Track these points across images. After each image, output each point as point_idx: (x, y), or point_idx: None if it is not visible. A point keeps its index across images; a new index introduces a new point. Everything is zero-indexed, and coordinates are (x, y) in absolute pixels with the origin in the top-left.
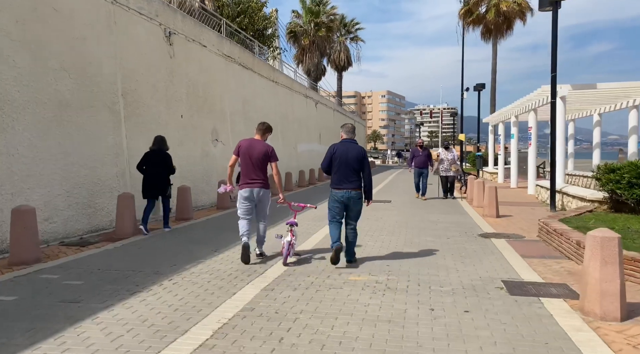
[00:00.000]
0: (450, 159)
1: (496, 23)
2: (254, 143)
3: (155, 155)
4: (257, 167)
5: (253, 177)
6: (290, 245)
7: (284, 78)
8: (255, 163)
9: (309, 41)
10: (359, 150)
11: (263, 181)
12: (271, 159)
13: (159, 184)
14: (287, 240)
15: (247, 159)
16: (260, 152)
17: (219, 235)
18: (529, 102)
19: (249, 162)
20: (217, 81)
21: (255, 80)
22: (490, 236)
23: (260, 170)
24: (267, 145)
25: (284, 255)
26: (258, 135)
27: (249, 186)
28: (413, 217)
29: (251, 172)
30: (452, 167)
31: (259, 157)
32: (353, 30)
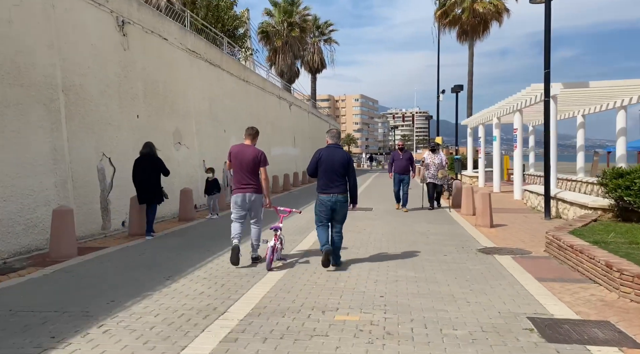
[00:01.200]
0: (437, 164)
1: (472, 24)
2: (245, 149)
3: (145, 160)
4: (249, 172)
5: (244, 182)
6: (275, 250)
7: (256, 78)
8: (246, 169)
9: (281, 42)
10: (344, 155)
11: (255, 186)
12: (261, 164)
13: (150, 188)
14: (271, 244)
15: (238, 164)
16: (250, 157)
17: (177, 255)
18: (515, 102)
19: (240, 168)
20: (180, 78)
21: (224, 79)
22: (492, 251)
23: (252, 175)
24: (257, 150)
25: (267, 260)
26: (248, 140)
27: (241, 191)
28: (400, 228)
29: (243, 177)
30: (439, 172)
31: (249, 162)
32: (327, 32)
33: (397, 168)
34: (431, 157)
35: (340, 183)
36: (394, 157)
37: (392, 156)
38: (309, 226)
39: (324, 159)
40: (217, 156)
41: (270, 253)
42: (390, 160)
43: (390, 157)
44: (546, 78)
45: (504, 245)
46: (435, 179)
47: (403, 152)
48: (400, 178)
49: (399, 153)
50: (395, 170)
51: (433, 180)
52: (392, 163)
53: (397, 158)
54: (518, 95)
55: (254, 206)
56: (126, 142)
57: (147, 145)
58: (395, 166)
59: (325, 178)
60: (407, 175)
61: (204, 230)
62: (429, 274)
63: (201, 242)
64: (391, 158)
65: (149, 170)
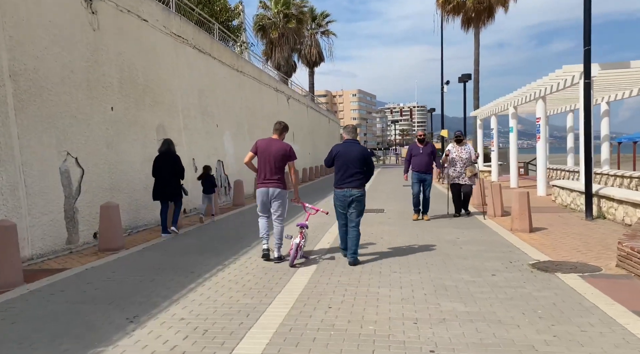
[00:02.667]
0: (465, 159)
1: (477, 11)
2: (272, 143)
3: (163, 158)
4: (275, 166)
5: (269, 176)
6: (299, 247)
7: (251, 68)
8: (273, 163)
9: (278, 34)
10: (360, 149)
11: (279, 181)
12: (289, 158)
13: (167, 187)
14: (296, 241)
15: (265, 158)
16: (278, 151)
17: (152, 278)
18: (537, 89)
19: (266, 162)
20: (164, 66)
21: (215, 68)
22: (549, 268)
23: (278, 170)
24: (285, 144)
25: (292, 257)
26: (275, 135)
27: (265, 185)
28: (422, 235)
29: (268, 172)
30: (467, 170)
31: (277, 156)
32: (324, 24)
33: (416, 166)
34: (457, 150)
35: (355, 179)
36: (412, 151)
37: (409, 151)
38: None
39: (341, 154)
40: (208, 153)
41: (294, 249)
42: (407, 155)
43: (407, 152)
44: (586, 57)
45: (559, 258)
46: (463, 178)
47: (424, 145)
48: (422, 178)
49: (418, 147)
50: (414, 167)
51: (460, 180)
52: (409, 160)
53: (416, 153)
54: (542, 81)
55: (276, 201)
56: (97, 139)
57: (165, 142)
58: (413, 163)
59: (341, 173)
60: (429, 175)
61: (192, 242)
62: (484, 307)
63: (189, 260)
64: (408, 153)
65: (167, 168)
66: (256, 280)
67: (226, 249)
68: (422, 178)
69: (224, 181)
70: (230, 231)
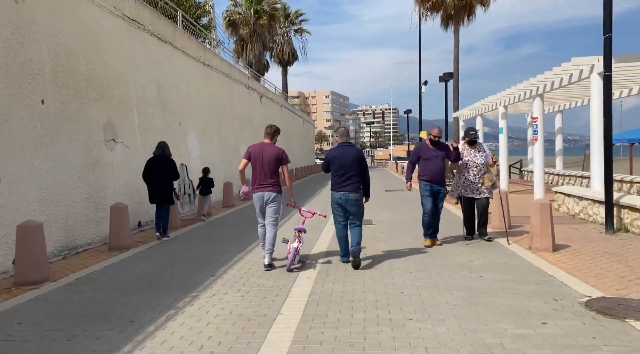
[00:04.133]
0: (480, 164)
1: (457, 7)
2: (265, 147)
3: (160, 162)
4: (269, 171)
5: (264, 181)
6: (297, 252)
7: (220, 62)
8: (266, 167)
9: (249, 30)
10: (356, 152)
11: (274, 186)
12: (282, 162)
13: (163, 191)
14: (294, 246)
15: (258, 163)
16: (271, 155)
17: (73, 334)
18: (535, 86)
19: (260, 166)
20: (114, 53)
21: (178, 59)
22: (615, 311)
23: (272, 174)
24: (278, 149)
25: (289, 261)
26: (267, 139)
27: (260, 190)
28: (427, 259)
29: (262, 176)
30: (484, 178)
31: (270, 160)
32: (297, 22)
33: (428, 173)
34: (470, 153)
35: (352, 182)
36: (421, 153)
37: (416, 152)
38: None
39: (336, 158)
40: None
41: (292, 254)
42: (412, 158)
43: (414, 154)
44: (607, 46)
45: (612, 291)
46: (478, 190)
47: (438, 148)
48: (436, 190)
49: (430, 148)
50: (424, 175)
51: (474, 192)
52: (414, 164)
53: (427, 156)
54: (544, 76)
55: (271, 206)
56: (20, 139)
57: (160, 145)
58: (424, 169)
59: (337, 176)
60: (444, 186)
61: (142, 269)
62: None
63: (131, 301)
64: (414, 155)
65: (160, 171)
66: (225, 341)
67: (183, 281)
68: (436, 191)
69: (188, 187)
70: (193, 252)
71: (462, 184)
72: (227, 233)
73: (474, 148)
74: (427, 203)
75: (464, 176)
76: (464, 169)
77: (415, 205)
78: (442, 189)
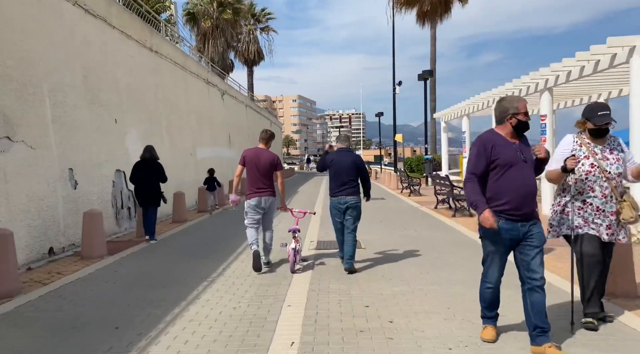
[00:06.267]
0: (615, 174)
1: (433, 3)
2: (260, 152)
3: (148, 165)
4: (264, 176)
5: (261, 185)
6: (296, 252)
7: (172, 50)
8: (262, 172)
9: (211, 24)
10: (354, 159)
11: (271, 190)
12: (277, 168)
13: (150, 193)
14: (292, 247)
15: (253, 168)
16: (267, 160)
17: None
18: (544, 78)
19: (255, 171)
20: (8, 19)
21: (115, 41)
22: None
23: (267, 179)
24: (273, 154)
25: (291, 262)
26: (262, 144)
27: (258, 195)
28: (451, 315)
29: (258, 181)
30: (623, 206)
31: (265, 165)
32: (264, 20)
33: (512, 195)
34: (595, 151)
35: (350, 186)
36: (495, 152)
37: (481, 152)
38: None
39: (335, 162)
40: (100, 160)
41: (292, 255)
42: (474, 164)
43: (477, 153)
44: None
45: None
46: (617, 227)
47: (523, 143)
48: (523, 234)
49: (511, 143)
50: (501, 201)
51: (606, 231)
52: (480, 175)
53: (508, 159)
54: (558, 65)
55: (269, 210)
56: None
57: (148, 149)
58: (501, 186)
59: (335, 182)
60: (537, 223)
61: (68, 312)
62: None
63: None
64: (478, 158)
65: (149, 174)
66: None
67: (132, 320)
68: (524, 234)
69: (126, 199)
70: (140, 278)
71: (578, 213)
72: (168, 267)
73: (603, 144)
74: (497, 260)
75: (583, 197)
76: (582, 185)
77: (400, 217)
78: (535, 228)
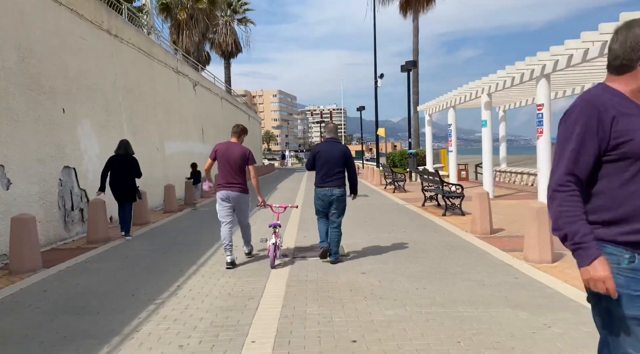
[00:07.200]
0: None
1: None
2: (231, 147)
3: (123, 160)
4: (235, 171)
5: (231, 181)
6: (276, 247)
7: (135, 35)
8: (233, 167)
9: (186, 14)
10: (342, 149)
11: (241, 186)
12: (249, 162)
13: (126, 189)
14: (272, 242)
15: (224, 163)
16: (238, 155)
17: None
18: (541, 63)
19: (226, 166)
20: None
21: (62, 19)
22: None
23: (239, 174)
24: (244, 148)
25: (271, 258)
26: (234, 138)
27: (226, 189)
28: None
29: (229, 176)
30: None
31: (236, 160)
32: (241, 11)
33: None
34: None
35: (338, 178)
36: (622, 122)
37: (592, 127)
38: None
39: (322, 153)
40: (40, 156)
41: (272, 250)
42: (585, 155)
43: (580, 133)
44: None
45: None
46: None
47: None
48: None
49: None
50: (627, 220)
51: None
52: (586, 176)
53: None
54: (565, 46)
55: (240, 207)
56: None
57: (122, 144)
58: (627, 190)
59: (322, 172)
60: None
61: None
62: None
63: None
64: (580, 145)
65: (123, 170)
66: None
67: None
68: None
69: (78, 200)
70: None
71: None
72: (112, 283)
73: None
74: None
75: None
76: None
77: (386, 217)
78: None
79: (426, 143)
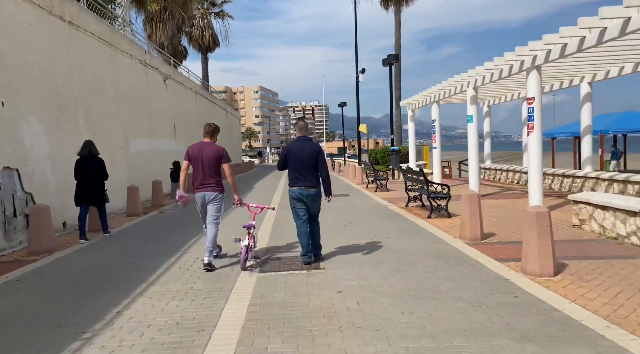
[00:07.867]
0: None
1: None
2: (204, 146)
3: (88, 162)
4: (210, 170)
5: (205, 181)
6: (249, 249)
7: (93, 22)
8: (207, 167)
9: (159, 7)
10: (313, 147)
11: (216, 185)
12: (223, 160)
13: (95, 191)
14: (245, 243)
15: (198, 163)
16: (211, 154)
17: None
18: (532, 54)
19: (200, 167)
20: None
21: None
22: None
23: (213, 173)
24: (218, 147)
25: (242, 260)
26: (207, 138)
27: (201, 190)
28: None
29: (203, 177)
30: None
31: (210, 159)
32: (218, 4)
33: None
34: None
35: (311, 176)
36: None
37: None
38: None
39: (293, 152)
40: None
41: (244, 252)
42: None
43: None
44: None
45: None
46: None
47: None
48: None
49: None
50: None
51: None
52: None
53: None
54: (560, 34)
55: (211, 205)
56: None
57: (86, 145)
58: None
59: (295, 171)
60: None
61: None
62: None
63: None
64: None
65: (90, 172)
66: None
67: None
68: None
69: (22, 205)
70: None
71: None
72: (43, 309)
73: None
74: None
75: None
76: None
77: (368, 220)
78: None
79: (409, 140)
